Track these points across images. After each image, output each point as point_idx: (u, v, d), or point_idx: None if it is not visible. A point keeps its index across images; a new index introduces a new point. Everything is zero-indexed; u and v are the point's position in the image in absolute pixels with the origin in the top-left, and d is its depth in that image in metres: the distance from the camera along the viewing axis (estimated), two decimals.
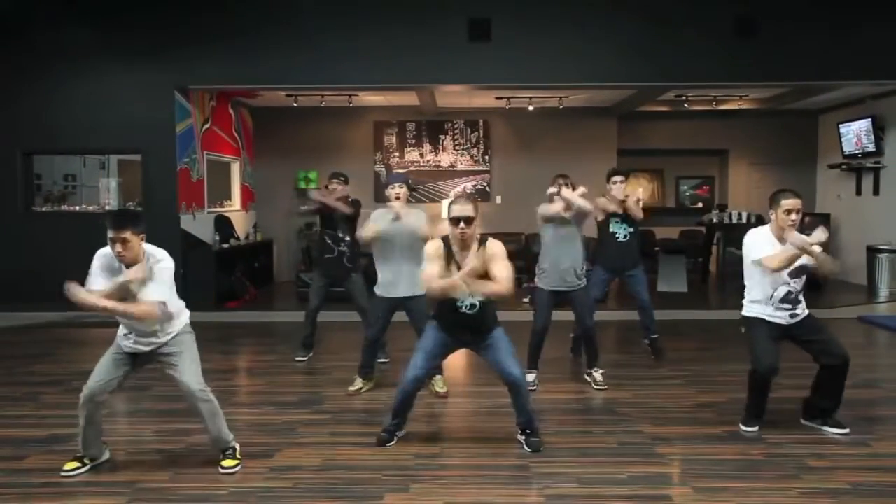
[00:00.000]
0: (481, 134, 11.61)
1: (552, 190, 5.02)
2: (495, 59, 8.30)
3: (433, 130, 11.60)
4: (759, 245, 4.10)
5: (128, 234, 3.47)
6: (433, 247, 3.84)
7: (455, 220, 3.70)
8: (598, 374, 5.25)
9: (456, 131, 11.62)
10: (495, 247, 3.78)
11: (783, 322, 4.14)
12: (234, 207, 10.67)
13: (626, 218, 5.76)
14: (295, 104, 10.51)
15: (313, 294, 6.03)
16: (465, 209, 3.69)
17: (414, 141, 11.61)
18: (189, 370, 3.62)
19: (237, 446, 3.80)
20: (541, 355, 5.29)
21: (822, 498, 3.31)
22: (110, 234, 3.47)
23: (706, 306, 9.11)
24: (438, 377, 5.09)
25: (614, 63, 8.36)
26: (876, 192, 10.27)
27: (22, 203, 8.74)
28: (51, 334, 7.49)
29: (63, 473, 3.61)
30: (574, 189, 4.98)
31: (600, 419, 4.52)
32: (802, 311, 4.20)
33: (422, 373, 3.94)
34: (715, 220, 10.81)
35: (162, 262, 3.58)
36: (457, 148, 11.62)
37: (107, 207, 9.15)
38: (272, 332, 7.76)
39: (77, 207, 9.43)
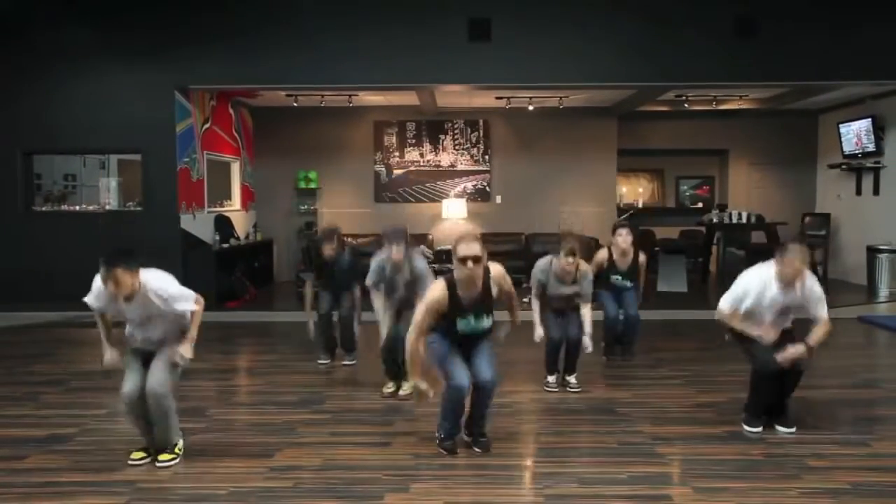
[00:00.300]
0: (481, 134, 11.61)
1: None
2: (495, 59, 8.31)
3: (433, 130, 11.60)
4: (740, 294, 4.10)
5: (119, 272, 3.38)
6: (437, 292, 3.72)
7: (463, 260, 3.63)
8: (572, 379, 5.23)
9: (456, 131, 11.62)
10: (499, 268, 3.85)
11: (774, 337, 4.15)
12: (234, 207, 10.68)
13: (626, 274, 5.96)
14: (295, 104, 10.51)
15: (321, 301, 6.02)
16: (473, 248, 3.64)
17: (414, 141, 11.61)
18: (159, 371, 3.68)
19: (181, 442, 3.84)
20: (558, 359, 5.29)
21: (822, 498, 3.31)
22: (101, 272, 3.41)
23: (706, 306, 9.07)
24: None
25: (614, 63, 8.36)
26: (876, 192, 10.27)
27: (22, 203, 8.75)
28: (51, 334, 7.49)
29: (131, 461, 3.71)
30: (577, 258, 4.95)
31: (600, 419, 4.52)
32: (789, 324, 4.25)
33: (467, 382, 3.80)
34: (715, 220, 10.81)
35: (162, 287, 3.59)
36: (457, 148, 11.62)
37: (107, 207, 9.16)
38: (272, 331, 7.76)
39: (77, 207, 9.44)
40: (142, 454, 3.77)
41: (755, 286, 4.07)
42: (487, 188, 11.60)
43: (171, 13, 8.34)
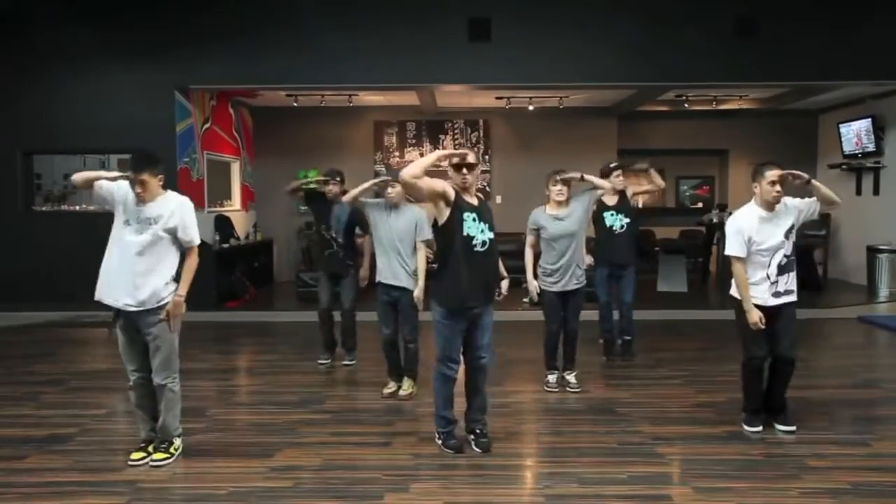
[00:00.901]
0: (481, 134, 11.61)
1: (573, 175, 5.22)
2: (495, 59, 8.30)
3: (433, 130, 11.60)
4: (735, 234, 4.15)
5: (145, 176, 3.60)
6: (441, 184, 3.73)
7: (458, 167, 3.79)
8: (572, 377, 5.21)
9: (456, 131, 11.62)
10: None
11: (769, 304, 4.09)
12: (234, 207, 10.67)
13: (621, 209, 5.86)
14: (295, 104, 10.50)
15: (321, 292, 5.97)
16: (468, 156, 3.83)
17: (414, 141, 11.61)
18: (163, 357, 3.70)
19: (177, 443, 3.83)
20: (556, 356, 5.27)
21: (822, 498, 3.31)
22: (130, 174, 3.64)
23: (706, 306, 9.10)
24: (407, 380, 5.07)
25: (614, 63, 8.36)
26: (876, 192, 10.27)
27: (22, 203, 8.74)
28: (51, 334, 7.49)
29: (131, 463, 3.70)
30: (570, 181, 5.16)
31: (600, 419, 4.52)
32: (793, 296, 4.16)
33: (458, 359, 3.90)
34: (715, 220, 10.80)
35: (186, 204, 3.78)
36: (457, 148, 11.61)
37: (107, 207, 9.14)
38: (272, 331, 7.76)
39: (77, 207, 9.43)
40: (141, 454, 3.76)
41: (745, 220, 4.14)
42: (487, 188, 11.60)
43: (171, 13, 8.33)
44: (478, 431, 3.99)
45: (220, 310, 8.55)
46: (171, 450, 3.79)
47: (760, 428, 4.20)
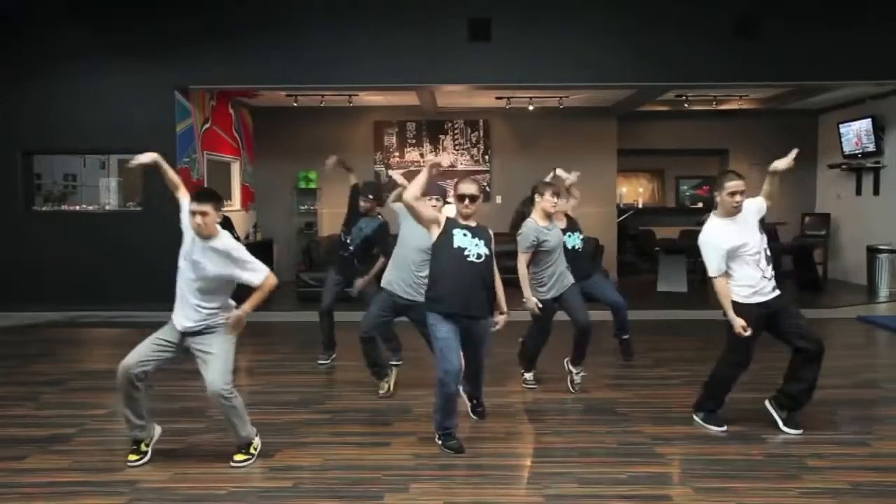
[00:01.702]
0: (481, 134, 11.61)
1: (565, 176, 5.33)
2: (495, 59, 8.31)
3: (433, 130, 11.60)
4: (710, 250, 4.16)
5: (208, 208, 3.73)
6: (435, 214, 4.08)
7: (461, 197, 4.01)
8: (577, 376, 5.15)
9: (456, 131, 11.62)
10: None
11: (770, 297, 4.11)
12: (234, 207, 10.67)
13: (574, 228, 5.64)
14: (295, 104, 10.51)
15: (325, 292, 5.92)
16: (470, 188, 4.02)
17: (414, 141, 11.61)
18: (217, 368, 3.67)
19: (255, 442, 3.81)
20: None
21: (822, 498, 3.31)
22: (192, 206, 3.76)
23: (706, 306, 9.08)
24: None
25: (614, 63, 8.36)
26: (876, 192, 10.27)
27: (22, 203, 8.74)
28: (51, 334, 7.48)
29: (129, 465, 3.69)
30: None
31: (600, 419, 4.52)
32: (775, 289, 4.18)
33: (458, 367, 3.85)
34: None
35: (240, 248, 3.83)
36: (457, 148, 11.62)
37: (107, 207, 9.16)
38: (272, 332, 7.76)
39: (77, 207, 9.44)
40: (136, 456, 3.72)
41: (719, 235, 4.14)
42: (487, 188, 11.59)
43: (170, 13, 8.33)
44: (475, 401, 4.31)
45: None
46: (251, 450, 3.78)
47: (725, 428, 4.21)
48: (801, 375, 4.16)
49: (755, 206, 4.29)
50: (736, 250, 4.09)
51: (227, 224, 9.93)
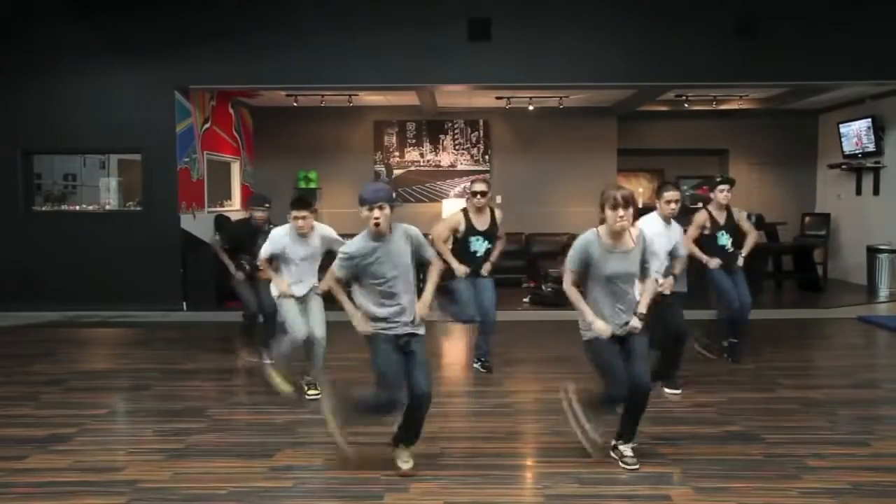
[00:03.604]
0: (481, 134, 11.61)
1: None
2: (495, 59, 8.30)
3: (433, 130, 11.59)
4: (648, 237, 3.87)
5: (307, 212, 4.78)
6: (453, 216, 5.38)
7: (474, 193, 5.51)
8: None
9: (456, 131, 11.62)
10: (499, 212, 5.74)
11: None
12: (233, 207, 10.67)
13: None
14: (295, 104, 10.51)
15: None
16: (481, 185, 5.58)
17: (414, 141, 11.61)
18: (320, 319, 4.93)
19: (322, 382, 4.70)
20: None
21: (822, 498, 3.31)
22: (294, 213, 4.75)
23: (706, 306, 9.09)
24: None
25: (614, 63, 8.36)
26: (876, 192, 10.27)
27: (22, 203, 8.74)
28: (51, 334, 7.48)
29: (309, 397, 4.85)
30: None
31: (600, 419, 4.51)
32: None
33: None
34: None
35: (331, 232, 5.02)
36: (457, 148, 11.61)
37: (107, 207, 9.16)
38: None
39: (77, 207, 9.44)
40: (314, 391, 4.88)
41: (650, 226, 4.58)
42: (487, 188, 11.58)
43: (171, 13, 8.33)
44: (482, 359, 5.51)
45: (220, 309, 8.53)
46: (320, 387, 4.79)
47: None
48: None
49: (677, 233, 4.85)
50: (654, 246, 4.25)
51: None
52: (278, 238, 4.85)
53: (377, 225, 3.49)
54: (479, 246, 5.49)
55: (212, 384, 5.49)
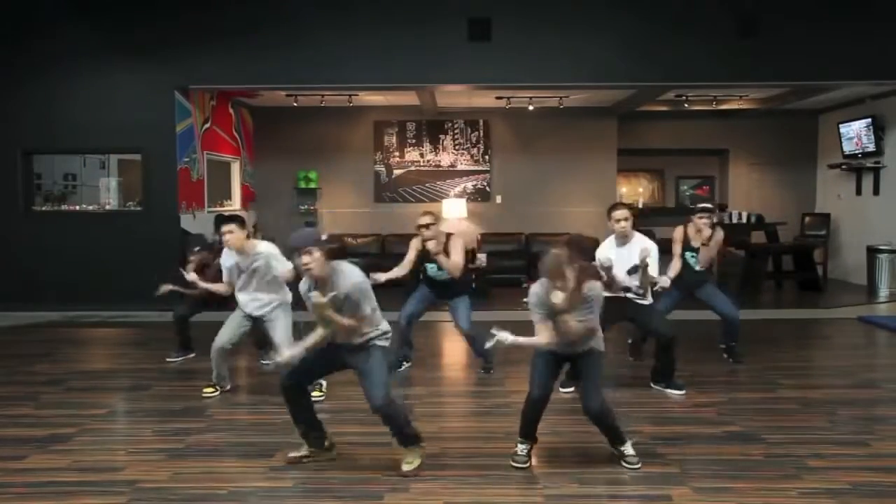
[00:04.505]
0: (481, 134, 11.61)
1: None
2: (495, 59, 8.31)
3: (433, 130, 11.59)
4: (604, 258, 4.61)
5: (233, 226, 4.61)
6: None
7: (418, 227, 5.24)
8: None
9: (456, 131, 11.62)
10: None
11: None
12: (234, 207, 10.67)
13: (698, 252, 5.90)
14: (295, 104, 10.51)
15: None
16: (425, 218, 5.25)
17: (414, 141, 11.60)
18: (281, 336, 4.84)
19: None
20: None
21: (822, 498, 3.31)
22: (222, 228, 4.50)
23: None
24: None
25: (614, 63, 8.36)
26: (876, 192, 10.27)
27: (22, 203, 8.74)
28: (51, 334, 7.48)
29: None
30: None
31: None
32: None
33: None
34: (715, 220, 10.78)
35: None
36: (457, 148, 11.62)
37: (107, 207, 9.15)
38: None
39: (77, 207, 9.43)
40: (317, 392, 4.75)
41: (602, 251, 4.80)
42: (487, 188, 11.60)
43: (171, 13, 8.33)
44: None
45: (219, 309, 8.52)
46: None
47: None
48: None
49: (637, 250, 4.80)
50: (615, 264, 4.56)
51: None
52: (227, 253, 4.95)
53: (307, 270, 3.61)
54: (436, 273, 5.44)
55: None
